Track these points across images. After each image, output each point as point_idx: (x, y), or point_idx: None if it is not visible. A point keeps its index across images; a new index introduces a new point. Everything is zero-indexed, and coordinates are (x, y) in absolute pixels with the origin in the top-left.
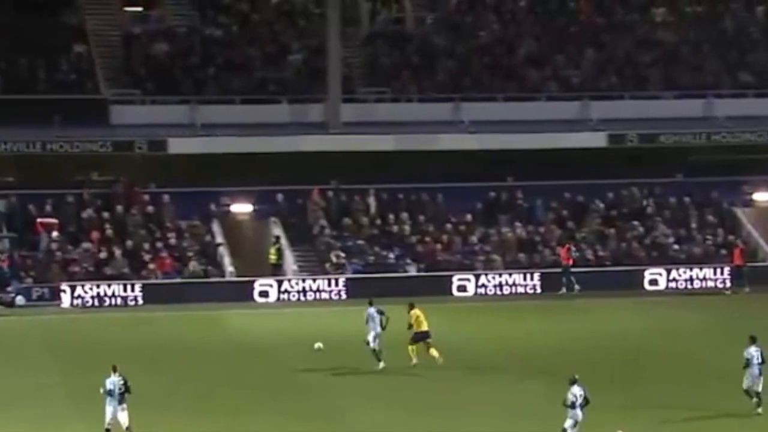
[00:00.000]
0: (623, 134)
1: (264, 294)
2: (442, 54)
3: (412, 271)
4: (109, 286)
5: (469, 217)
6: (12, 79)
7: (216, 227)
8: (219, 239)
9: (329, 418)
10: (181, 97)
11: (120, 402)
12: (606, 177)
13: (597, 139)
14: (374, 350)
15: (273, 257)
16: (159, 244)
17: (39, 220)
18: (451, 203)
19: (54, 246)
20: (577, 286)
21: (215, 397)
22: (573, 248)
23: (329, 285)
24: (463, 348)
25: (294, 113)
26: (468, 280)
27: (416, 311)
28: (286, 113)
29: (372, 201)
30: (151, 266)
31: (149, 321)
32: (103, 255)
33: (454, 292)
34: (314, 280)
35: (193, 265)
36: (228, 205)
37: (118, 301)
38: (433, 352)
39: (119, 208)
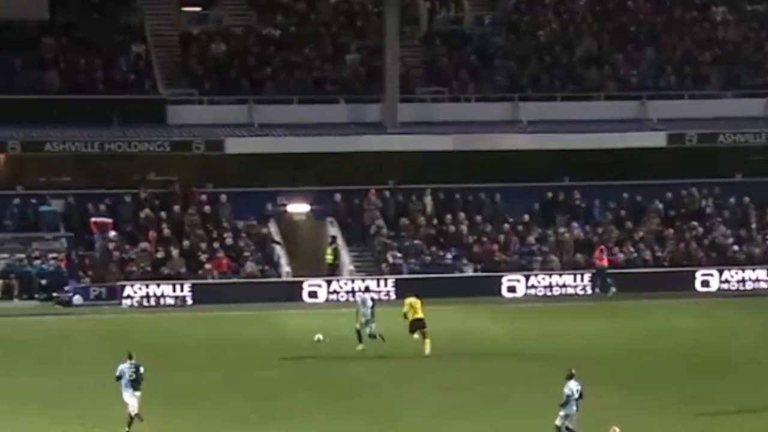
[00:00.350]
0: (682, 134)
1: (313, 294)
2: (500, 53)
3: (469, 271)
4: (161, 286)
5: (526, 217)
6: (71, 79)
7: (272, 227)
8: (276, 238)
9: (381, 418)
10: (238, 96)
11: (134, 389)
12: (665, 177)
13: (656, 139)
14: (358, 330)
15: (329, 257)
16: (215, 244)
17: (92, 219)
18: (508, 203)
19: (111, 245)
20: (613, 288)
21: (269, 396)
22: (607, 250)
23: (378, 285)
24: (516, 349)
25: (351, 113)
26: (518, 280)
27: (411, 300)
28: (343, 113)
29: (429, 201)
30: (208, 266)
31: (203, 321)
32: (160, 255)
33: (504, 293)
34: (363, 280)
35: (249, 266)
36: (285, 205)
37: (174, 300)
38: (426, 344)
39: (176, 207)
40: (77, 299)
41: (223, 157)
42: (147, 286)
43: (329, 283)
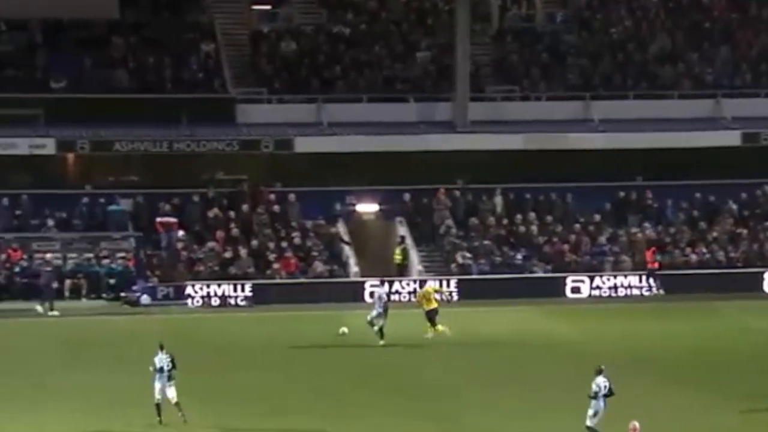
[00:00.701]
0: (757, 133)
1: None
2: (572, 51)
3: (539, 272)
4: (226, 286)
5: (597, 217)
6: (140, 78)
7: (341, 227)
8: (345, 238)
9: (443, 420)
10: (307, 95)
11: (169, 379)
12: (739, 177)
13: (730, 138)
14: (370, 323)
15: (398, 258)
16: (284, 244)
17: (158, 219)
18: (579, 203)
19: (179, 245)
20: (660, 291)
21: (333, 397)
22: (657, 251)
23: (441, 285)
24: (583, 350)
25: (421, 112)
26: (582, 281)
27: (425, 289)
28: (413, 112)
29: (499, 201)
30: (276, 266)
31: (268, 321)
32: (228, 254)
33: (568, 293)
34: (426, 281)
35: (318, 266)
36: (353, 205)
37: (239, 300)
38: (437, 329)
39: (245, 207)
40: (145, 299)
41: (292, 156)
42: (210, 286)
43: (391, 284)
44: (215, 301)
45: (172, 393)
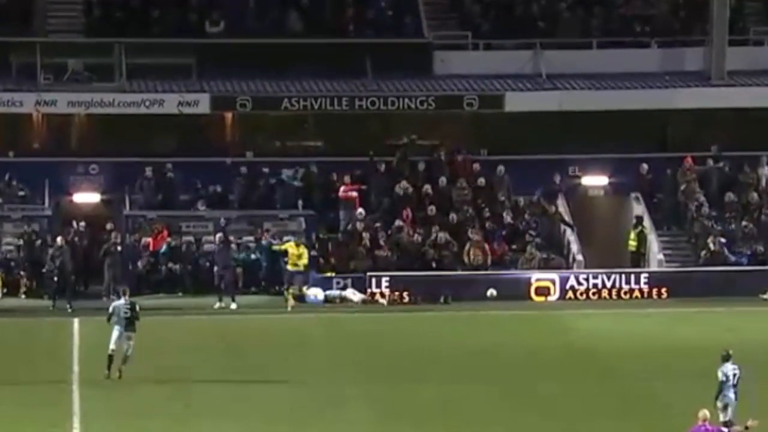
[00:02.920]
0: None
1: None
2: None
3: None
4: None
5: None
6: (314, 19)
7: (562, 205)
8: (567, 219)
9: None
10: (522, 40)
11: (127, 328)
12: None
13: None
14: None
15: (633, 244)
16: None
17: (342, 189)
18: None
19: (360, 226)
20: None
21: (548, 414)
22: None
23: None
24: None
25: (666, 60)
26: None
27: None
28: (655, 60)
29: (765, 171)
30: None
31: (462, 321)
32: (419, 237)
33: None
34: (609, 276)
35: (530, 252)
36: (578, 177)
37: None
38: None
39: (442, 179)
40: (316, 292)
41: (502, 116)
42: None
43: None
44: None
45: (126, 345)
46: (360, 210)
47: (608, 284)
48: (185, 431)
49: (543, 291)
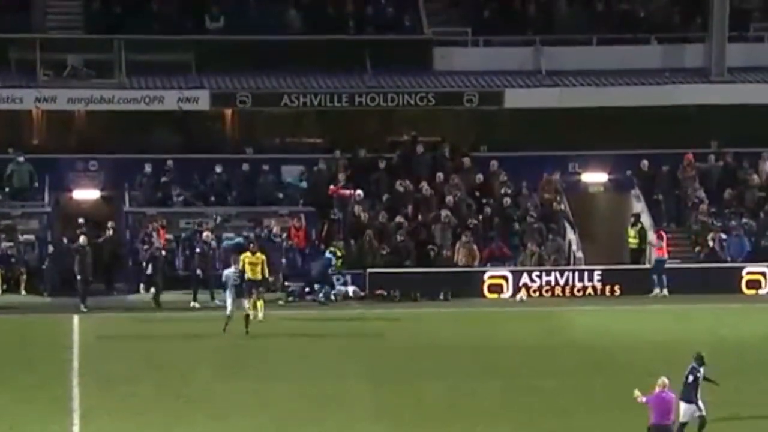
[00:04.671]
0: None
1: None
2: None
3: None
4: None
5: None
6: (314, 16)
7: (563, 202)
8: (568, 215)
9: None
10: (522, 37)
11: (238, 294)
12: None
13: None
14: None
15: (634, 241)
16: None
17: (331, 188)
18: None
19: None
20: (663, 290)
21: (545, 413)
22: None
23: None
24: None
25: (666, 56)
26: None
27: None
28: (655, 57)
29: (766, 168)
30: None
31: (466, 318)
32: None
33: None
34: (561, 273)
35: (530, 250)
36: (578, 174)
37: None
38: None
39: (439, 176)
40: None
41: (501, 113)
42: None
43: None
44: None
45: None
46: (357, 208)
47: (561, 281)
48: (184, 426)
49: (496, 288)
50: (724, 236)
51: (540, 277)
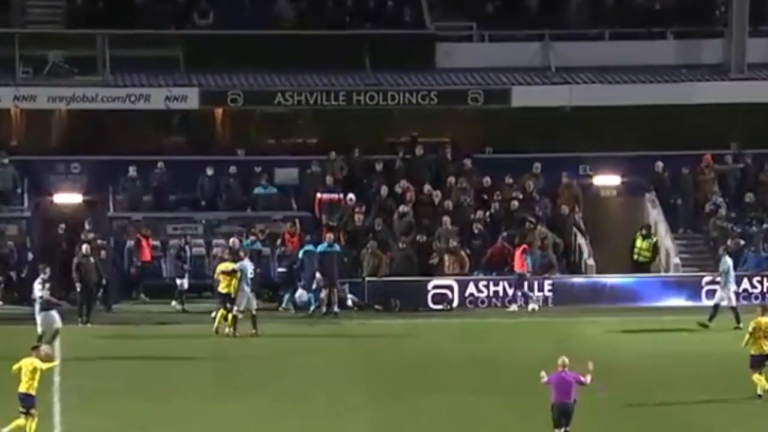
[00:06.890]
0: None
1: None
2: None
3: None
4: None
5: None
6: (310, 10)
7: (579, 210)
8: (579, 222)
9: None
10: (530, 31)
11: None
12: None
13: None
14: None
15: (647, 254)
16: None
17: (318, 196)
18: None
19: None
20: (534, 305)
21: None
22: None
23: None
24: None
25: (682, 52)
26: None
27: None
28: (671, 53)
29: None
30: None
31: (470, 329)
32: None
33: None
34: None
35: (534, 257)
36: (589, 177)
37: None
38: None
39: (450, 180)
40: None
41: (507, 112)
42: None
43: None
44: None
45: (253, 304)
46: (357, 216)
47: (510, 292)
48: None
49: (440, 298)
50: (743, 242)
51: (487, 287)
